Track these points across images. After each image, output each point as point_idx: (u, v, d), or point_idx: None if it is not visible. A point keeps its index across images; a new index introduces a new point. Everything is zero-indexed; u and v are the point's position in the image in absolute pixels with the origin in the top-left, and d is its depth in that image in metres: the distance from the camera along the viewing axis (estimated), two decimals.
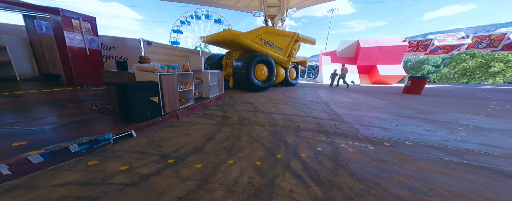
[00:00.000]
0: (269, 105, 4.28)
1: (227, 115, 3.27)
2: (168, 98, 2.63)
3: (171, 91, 2.66)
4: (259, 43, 6.14)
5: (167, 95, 2.59)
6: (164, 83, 2.47)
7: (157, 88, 2.36)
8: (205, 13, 21.67)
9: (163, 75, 2.43)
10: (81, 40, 3.40)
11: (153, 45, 5.20)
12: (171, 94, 2.68)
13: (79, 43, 3.38)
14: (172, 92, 2.69)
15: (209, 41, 6.11)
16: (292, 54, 7.67)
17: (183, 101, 3.18)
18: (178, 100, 2.85)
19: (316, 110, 3.88)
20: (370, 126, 2.89)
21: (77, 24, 3.26)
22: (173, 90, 2.70)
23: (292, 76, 9.12)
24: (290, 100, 4.99)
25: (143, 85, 2.19)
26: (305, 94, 6.59)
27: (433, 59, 23.83)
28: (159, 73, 2.35)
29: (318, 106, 4.33)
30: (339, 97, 5.95)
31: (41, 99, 3.14)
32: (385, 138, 2.40)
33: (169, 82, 2.58)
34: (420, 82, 7.14)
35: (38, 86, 3.94)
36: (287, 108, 3.96)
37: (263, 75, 6.30)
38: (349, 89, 9.02)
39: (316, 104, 4.56)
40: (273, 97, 5.48)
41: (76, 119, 2.20)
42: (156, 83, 2.34)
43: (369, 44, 12.79)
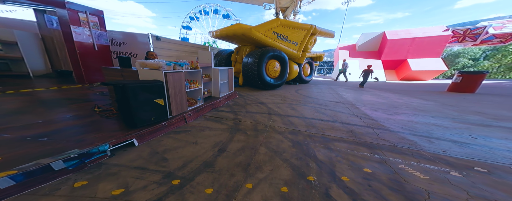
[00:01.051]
0: (284, 106, 3.88)
1: (239, 119, 2.93)
2: (175, 100, 2.33)
3: (178, 91, 2.36)
4: (271, 37, 5.68)
5: (174, 96, 2.30)
6: (170, 82, 2.16)
7: (163, 88, 2.06)
8: (214, 8, 21.31)
9: (169, 74, 2.12)
10: (89, 35, 3.21)
11: (162, 41, 4.96)
12: (178, 94, 2.38)
13: (87, 38, 3.19)
14: (179, 92, 2.39)
15: (218, 36, 5.76)
16: (307, 48, 7.10)
17: (191, 102, 2.88)
18: (186, 101, 2.55)
19: (343, 113, 3.40)
20: (432, 138, 2.28)
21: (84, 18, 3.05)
22: (181, 90, 2.40)
23: (306, 73, 8.56)
24: (307, 100, 4.54)
25: (147, 85, 1.89)
26: (323, 92, 6.04)
27: (471, 51, 21.02)
28: (164, 71, 2.05)
29: (344, 108, 3.82)
30: (366, 97, 5.31)
31: (44, 98, 3.00)
32: (468, 158, 1.79)
33: (176, 81, 2.28)
34: (476, 78, 5.98)
35: (48, 83, 3.87)
36: (306, 110, 3.53)
37: (276, 71, 5.86)
38: (373, 87, 8.23)
39: (340, 106, 4.05)
40: (287, 96, 5.06)
41: (73, 124, 1.97)
42: (161, 82, 2.04)
43: (399, 36, 11.28)
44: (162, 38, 4.96)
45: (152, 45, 4.70)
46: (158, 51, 4.87)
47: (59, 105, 2.68)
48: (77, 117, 2.18)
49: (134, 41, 4.64)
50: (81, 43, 3.11)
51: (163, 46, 5.02)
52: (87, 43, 3.19)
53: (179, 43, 5.43)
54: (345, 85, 8.86)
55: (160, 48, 4.91)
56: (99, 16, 3.29)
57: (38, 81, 3.82)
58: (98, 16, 3.28)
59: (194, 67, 2.76)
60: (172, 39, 5.29)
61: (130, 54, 4.76)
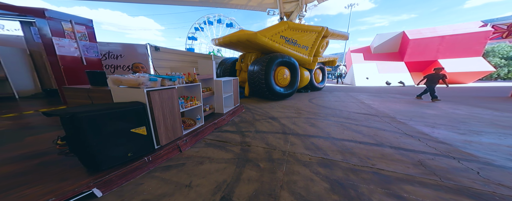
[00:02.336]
0: (300, 121, 3.23)
1: (248, 142, 2.32)
2: (165, 125, 1.77)
3: (169, 113, 1.81)
4: (279, 42, 5.17)
5: (163, 121, 1.74)
6: (156, 103, 1.62)
7: (144, 112, 1.52)
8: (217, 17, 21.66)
9: (154, 92, 1.58)
10: (75, 47, 2.80)
11: (161, 51, 4.57)
12: (170, 117, 1.83)
13: (73, 51, 2.78)
14: (171, 114, 1.84)
15: (221, 43, 5.34)
16: (318, 53, 6.53)
17: (188, 123, 2.32)
18: (180, 124, 1.99)
19: (386, 131, 2.61)
20: None
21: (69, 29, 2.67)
22: (173, 111, 1.85)
23: (318, 79, 7.89)
24: (327, 112, 3.85)
25: (119, 111, 1.35)
26: (343, 101, 5.26)
27: (503, 49, 19.16)
28: (147, 89, 1.51)
29: (383, 123, 3.00)
30: (404, 106, 4.39)
31: (3, 128, 2.50)
32: None
33: (166, 101, 1.73)
34: None
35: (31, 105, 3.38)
36: (331, 127, 2.85)
37: (285, 79, 5.29)
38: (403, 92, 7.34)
39: (375, 119, 3.25)
40: (301, 107, 4.41)
41: (12, 169, 1.43)
42: (142, 105, 1.50)
43: (423, 35, 10.22)
44: (162, 48, 4.58)
45: (150, 56, 4.32)
46: (157, 63, 4.47)
47: (12, 137, 2.16)
48: (26, 156, 1.64)
49: (133, 53, 4.28)
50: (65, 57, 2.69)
51: (163, 57, 4.63)
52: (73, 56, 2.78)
53: (180, 53, 5.05)
54: (365, 91, 7.99)
55: (159, 59, 4.52)
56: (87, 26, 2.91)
57: (23, 103, 3.41)
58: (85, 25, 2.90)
59: (191, 81, 2.23)
60: (172, 49, 4.90)
61: (128, 68, 4.38)
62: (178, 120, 1.93)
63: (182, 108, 2.04)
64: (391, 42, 11.59)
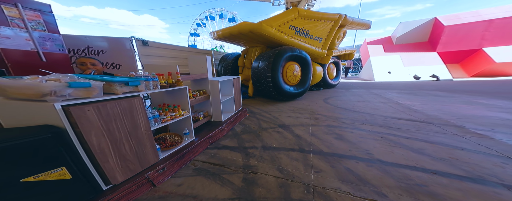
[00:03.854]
0: (320, 130, 2.52)
1: (253, 167, 1.66)
2: (119, 155, 1.12)
3: (126, 136, 1.15)
4: (288, 33, 4.41)
5: (112, 149, 1.09)
6: (92, 124, 0.94)
7: (61, 143, 0.86)
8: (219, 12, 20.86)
9: (80, 107, 0.91)
10: (27, 39, 2.17)
11: (150, 46, 3.92)
12: (128, 142, 1.17)
13: (25, 44, 2.15)
14: (132, 136, 1.18)
15: (220, 36, 4.64)
16: (334, 45, 5.69)
17: (171, 141, 1.67)
18: (152, 146, 1.35)
19: (470, 152, 1.76)
20: None
21: (14, 15, 2.02)
22: (134, 132, 1.20)
23: (332, 75, 7.01)
24: (354, 117, 3.06)
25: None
26: (369, 101, 4.40)
27: None
28: (59, 104, 0.84)
29: (451, 136, 2.13)
30: (463, 109, 3.36)
31: None
32: None
33: (116, 119, 1.07)
34: None
35: None
36: (368, 141, 2.10)
37: (295, 77, 4.55)
38: (442, 88, 6.32)
39: (431, 129, 2.40)
40: (316, 110, 3.68)
41: None
42: (54, 130, 0.84)
43: (462, 20, 8.68)
44: (151, 43, 3.93)
45: (137, 52, 3.68)
46: (146, 60, 3.83)
47: None
48: None
49: (116, 48, 3.65)
50: (13, 51, 2.07)
51: (152, 53, 3.99)
52: (25, 51, 2.15)
53: (172, 48, 4.40)
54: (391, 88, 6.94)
55: (148, 55, 3.89)
56: (42, 11, 2.26)
57: None
58: (40, 11, 2.26)
59: (173, 83, 1.56)
60: (164, 44, 4.24)
61: (112, 65, 3.79)
62: (148, 142, 1.29)
63: (156, 124, 1.38)
64: (419, 30, 10.04)
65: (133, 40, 3.60)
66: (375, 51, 10.94)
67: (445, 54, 9.39)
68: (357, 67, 26.46)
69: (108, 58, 3.76)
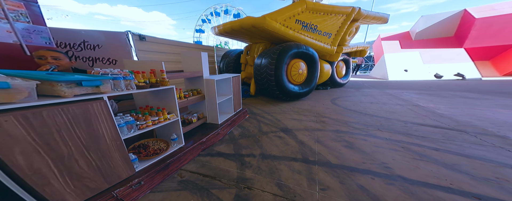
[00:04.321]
0: (327, 136, 2.25)
1: (248, 180, 1.44)
2: (66, 175, 0.90)
3: (81, 149, 0.94)
4: (294, 28, 4.09)
5: (56, 167, 0.87)
6: (7, 143, 0.70)
7: None
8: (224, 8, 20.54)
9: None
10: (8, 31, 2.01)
11: (147, 41, 3.73)
12: (85, 156, 0.96)
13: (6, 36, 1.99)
14: (92, 148, 0.97)
15: (222, 32, 4.38)
16: (344, 41, 5.28)
17: (154, 149, 1.46)
18: (123, 158, 1.14)
19: None
20: None
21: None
22: (96, 145, 0.98)
23: (341, 73, 6.56)
24: (366, 121, 2.75)
25: None
26: (383, 103, 4.01)
27: None
28: None
29: (493, 150, 1.78)
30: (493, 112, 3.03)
31: None
32: None
33: (53, 133, 0.83)
34: None
35: None
36: (385, 151, 1.81)
37: (301, 75, 4.25)
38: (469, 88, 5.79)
39: (464, 138, 2.03)
40: (323, 112, 3.38)
41: None
42: None
43: (498, 11, 7.69)
44: (148, 38, 3.74)
45: (133, 47, 3.50)
46: (143, 55, 3.64)
47: None
48: None
49: (112, 43, 3.49)
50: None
51: (150, 48, 3.80)
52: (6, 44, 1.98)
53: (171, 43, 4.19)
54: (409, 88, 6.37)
55: (146, 50, 3.70)
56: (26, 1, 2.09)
57: None
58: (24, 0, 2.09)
59: (157, 82, 1.33)
60: (162, 39, 4.04)
61: (108, 61, 3.64)
62: (118, 154, 1.07)
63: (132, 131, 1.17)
64: (443, 24, 9.05)
65: (129, 35, 3.41)
66: (390, 48, 10.12)
67: (474, 50, 8.42)
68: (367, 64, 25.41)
69: (105, 53, 3.60)
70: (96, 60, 3.79)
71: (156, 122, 1.29)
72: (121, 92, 1.00)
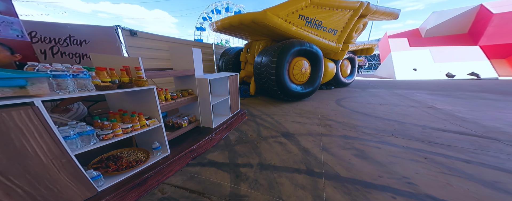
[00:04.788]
0: (334, 143, 1.99)
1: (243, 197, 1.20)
2: None
3: None
4: (297, 24, 3.82)
5: None
6: None
7: None
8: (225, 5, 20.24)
9: None
10: None
11: (139, 37, 3.49)
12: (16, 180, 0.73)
13: None
14: (13, 169, 0.74)
15: (220, 28, 4.13)
16: (350, 38, 4.98)
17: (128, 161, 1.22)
18: (79, 178, 0.91)
19: None
20: None
21: None
22: (23, 166, 0.75)
23: (345, 72, 6.25)
24: (377, 125, 2.47)
25: None
26: (394, 104, 3.69)
27: None
28: None
29: None
30: None
31: None
32: None
33: None
34: None
35: None
36: (404, 163, 1.53)
37: (303, 75, 3.99)
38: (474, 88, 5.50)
39: (497, 147, 1.78)
40: (328, 114, 3.12)
41: None
42: None
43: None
44: (140, 33, 3.50)
45: (123, 43, 3.27)
46: (134, 52, 3.40)
47: None
48: None
49: (100, 39, 3.26)
50: None
51: (142, 45, 3.55)
52: None
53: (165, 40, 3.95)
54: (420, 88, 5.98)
55: (137, 47, 3.46)
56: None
57: None
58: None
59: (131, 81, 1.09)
60: (155, 35, 3.80)
61: None
62: (65, 174, 0.83)
63: (92, 143, 0.92)
64: (456, 20, 8.49)
65: (118, 30, 3.17)
66: (398, 46, 9.64)
67: (490, 48, 7.88)
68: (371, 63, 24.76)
69: (92, 49, 3.37)
70: (83, 56, 3.57)
71: (128, 130, 1.05)
72: (67, 95, 0.76)
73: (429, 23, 9.38)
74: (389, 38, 10.34)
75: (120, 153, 1.24)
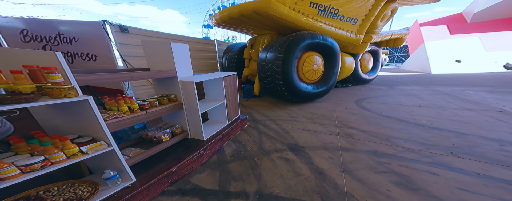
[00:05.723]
0: (360, 164, 1.49)
1: None
2: None
3: None
4: (308, 13, 3.27)
5: None
6: None
7: None
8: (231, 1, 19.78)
9: None
10: None
11: (132, 33, 3.19)
12: None
13: None
14: None
15: (219, 22, 3.71)
16: (375, 28, 4.24)
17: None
18: None
19: None
20: None
21: None
22: None
23: (366, 67, 5.39)
24: (424, 138, 1.87)
25: None
26: (439, 106, 2.91)
27: None
28: None
29: None
30: None
31: None
32: None
33: None
34: None
35: None
36: None
37: (315, 72, 3.45)
38: None
39: None
40: (347, 119, 2.57)
41: None
42: None
43: None
44: (132, 29, 3.19)
45: (113, 40, 2.98)
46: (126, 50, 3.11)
47: None
48: None
49: (88, 36, 3.01)
50: None
51: (135, 42, 3.24)
52: None
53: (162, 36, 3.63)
54: (470, 84, 4.89)
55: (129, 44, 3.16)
56: None
57: None
58: None
59: (35, 91, 0.70)
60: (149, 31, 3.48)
61: (88, 57, 3.19)
62: None
63: None
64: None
65: (105, 26, 2.88)
66: (434, 34, 8.26)
67: None
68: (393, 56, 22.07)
69: (82, 47, 3.16)
70: (74, 55, 3.37)
71: (35, 167, 0.66)
72: None
73: (477, 5, 7.78)
74: (421, 27, 8.86)
75: (44, 191, 0.86)
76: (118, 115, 1.05)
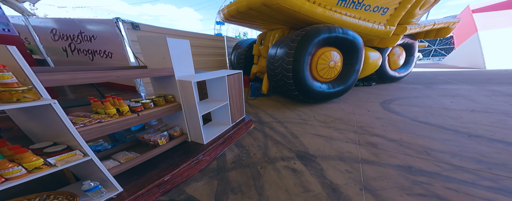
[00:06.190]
0: (388, 182, 1.21)
1: None
2: None
3: None
4: (325, 3, 2.93)
5: None
6: None
7: None
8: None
9: None
10: None
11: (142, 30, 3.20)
12: None
13: None
14: None
15: (227, 17, 3.54)
16: (411, 17, 3.59)
17: None
18: None
19: None
20: None
21: None
22: None
23: (395, 64, 4.65)
24: (480, 153, 1.52)
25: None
26: (501, 112, 2.34)
27: None
28: None
29: None
30: None
31: None
32: None
33: None
34: None
35: None
36: None
37: (332, 70, 3.11)
38: None
39: None
40: (369, 124, 2.22)
41: None
42: None
43: None
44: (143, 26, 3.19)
45: (126, 38, 3.00)
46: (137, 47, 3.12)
47: None
48: None
49: (104, 34, 3.09)
50: None
51: None
52: None
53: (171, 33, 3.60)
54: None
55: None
56: None
57: None
58: None
59: None
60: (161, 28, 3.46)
61: (105, 54, 3.28)
62: None
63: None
64: None
65: (119, 23, 2.90)
66: (491, 22, 6.87)
67: None
68: (429, 49, 18.86)
69: (100, 45, 3.26)
70: (94, 53, 3.51)
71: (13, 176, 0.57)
72: None
73: None
74: (474, 13, 7.36)
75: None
76: (103, 119, 0.95)
